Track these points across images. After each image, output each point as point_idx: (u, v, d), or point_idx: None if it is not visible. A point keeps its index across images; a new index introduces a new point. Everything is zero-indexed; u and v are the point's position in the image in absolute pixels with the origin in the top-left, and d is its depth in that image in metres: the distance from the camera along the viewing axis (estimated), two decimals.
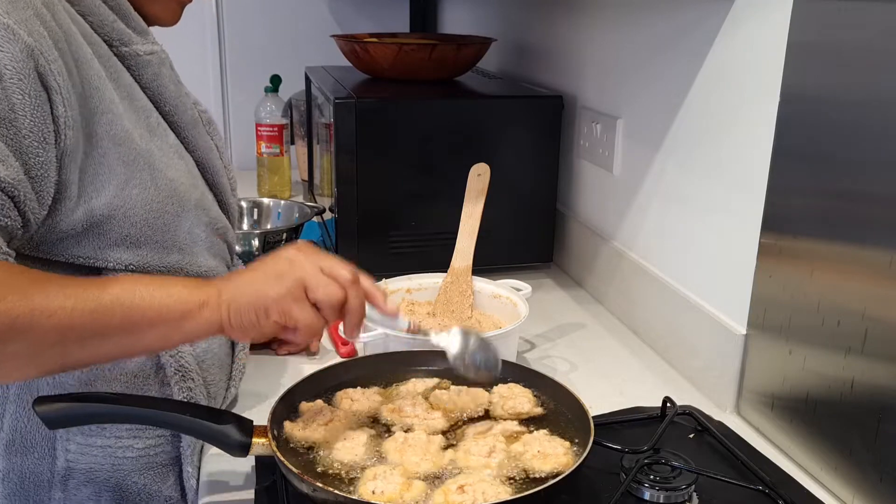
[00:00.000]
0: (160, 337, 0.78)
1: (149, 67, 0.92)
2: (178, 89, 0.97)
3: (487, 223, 1.28)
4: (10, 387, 0.89)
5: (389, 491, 0.76)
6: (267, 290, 0.78)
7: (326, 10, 2.44)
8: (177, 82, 0.97)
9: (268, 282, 0.79)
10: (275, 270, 0.79)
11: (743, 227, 1.04)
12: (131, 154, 0.85)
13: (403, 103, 1.46)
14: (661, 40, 1.24)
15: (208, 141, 1.01)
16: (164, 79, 0.94)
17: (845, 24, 0.85)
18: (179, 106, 0.96)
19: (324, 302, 0.80)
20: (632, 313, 1.35)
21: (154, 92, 0.93)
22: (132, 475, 0.94)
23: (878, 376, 0.83)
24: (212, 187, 1.01)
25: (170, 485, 0.96)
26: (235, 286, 0.79)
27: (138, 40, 0.91)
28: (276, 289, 0.78)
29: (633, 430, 0.97)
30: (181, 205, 0.91)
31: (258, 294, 0.78)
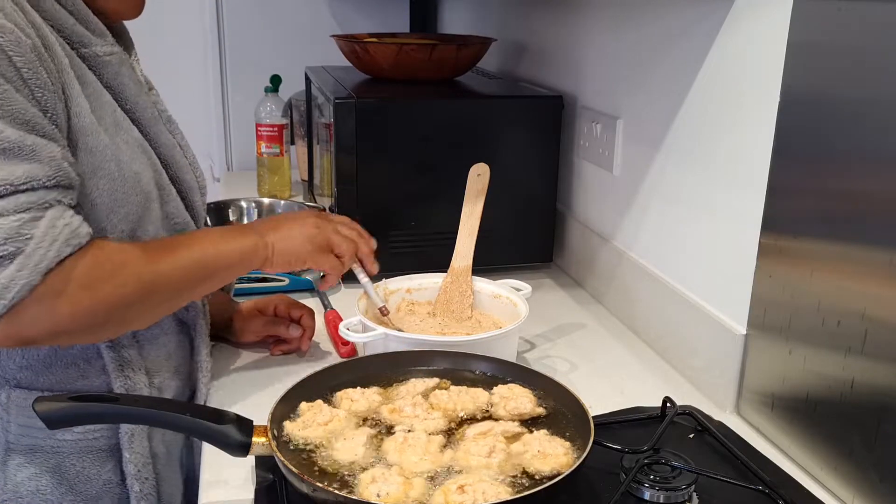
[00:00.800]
0: (230, 277, 1.04)
1: (109, 67, 0.95)
2: (138, 88, 1.00)
3: (487, 223, 1.28)
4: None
5: (394, 492, 0.76)
6: (303, 249, 1.04)
7: (326, 10, 2.44)
8: (137, 81, 1.00)
9: (304, 242, 1.04)
10: (307, 233, 1.05)
11: (743, 227, 1.04)
12: (99, 145, 0.89)
13: (403, 103, 1.46)
14: (661, 40, 1.24)
15: (170, 138, 1.04)
16: (124, 77, 0.97)
17: (845, 24, 0.85)
18: (140, 103, 0.99)
19: (345, 254, 1.09)
20: (632, 313, 1.35)
21: (115, 91, 0.96)
22: (71, 458, 0.98)
23: (878, 376, 0.83)
24: (175, 183, 1.04)
25: (109, 469, 1.00)
26: (279, 238, 1.02)
27: (97, 42, 0.94)
28: (309, 248, 1.05)
29: (633, 430, 0.97)
30: (145, 197, 0.95)
31: (297, 250, 1.04)
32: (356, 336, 1.09)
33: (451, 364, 1.02)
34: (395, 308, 1.23)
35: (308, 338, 1.23)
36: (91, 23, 0.94)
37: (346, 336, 1.10)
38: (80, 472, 0.98)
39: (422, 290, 1.27)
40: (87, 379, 0.97)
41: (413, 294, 1.27)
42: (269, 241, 1.01)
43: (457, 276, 1.25)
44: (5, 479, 0.96)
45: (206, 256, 0.96)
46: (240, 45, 2.40)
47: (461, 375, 1.01)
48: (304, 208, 1.66)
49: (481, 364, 1.02)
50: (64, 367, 0.96)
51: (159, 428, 1.00)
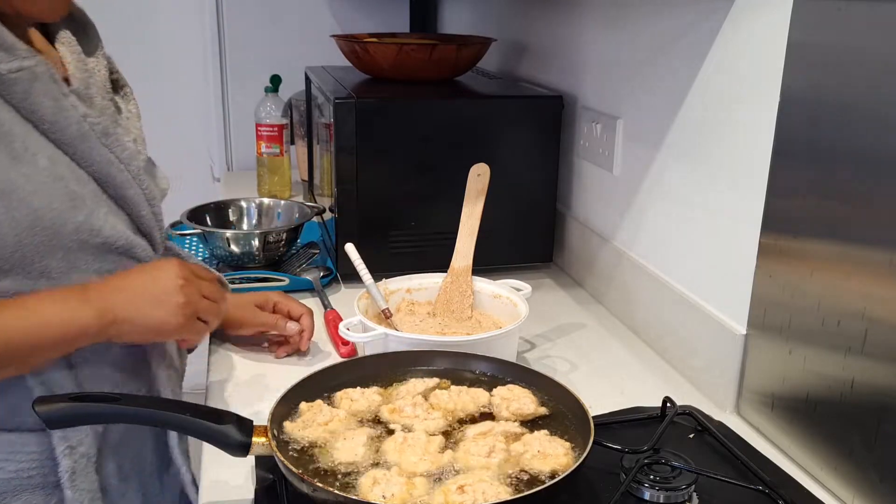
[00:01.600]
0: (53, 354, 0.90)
1: (16, 85, 0.86)
2: (57, 104, 0.90)
3: (487, 223, 1.28)
4: None
5: (399, 493, 0.76)
6: (166, 322, 0.93)
7: (326, 10, 2.44)
8: (57, 96, 0.90)
9: (161, 313, 0.92)
10: (171, 302, 0.92)
11: (743, 227, 1.04)
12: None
13: (403, 103, 1.46)
14: (661, 40, 1.24)
15: (105, 154, 0.94)
16: (38, 95, 0.88)
17: (845, 24, 0.85)
18: (60, 121, 0.90)
19: (211, 319, 0.98)
20: (632, 313, 1.35)
21: (28, 111, 0.88)
22: (6, 497, 0.93)
23: (878, 376, 0.83)
24: (117, 201, 0.97)
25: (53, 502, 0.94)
26: (130, 310, 0.91)
27: (3, 57, 0.85)
28: (175, 320, 0.93)
29: (633, 430, 0.97)
30: (52, 233, 0.87)
31: (158, 326, 0.93)
32: (356, 336, 1.09)
33: (451, 364, 1.02)
34: (395, 308, 1.23)
35: (307, 337, 1.22)
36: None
37: (346, 336, 1.10)
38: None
39: (422, 290, 1.27)
40: (20, 416, 0.91)
41: (413, 294, 1.27)
42: (118, 321, 0.89)
43: (457, 276, 1.25)
44: None
45: (16, 331, 0.85)
46: (240, 45, 2.40)
47: (461, 375, 1.01)
48: (304, 208, 1.65)
49: (481, 364, 1.02)
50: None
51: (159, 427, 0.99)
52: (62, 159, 0.91)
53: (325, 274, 1.48)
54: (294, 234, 1.56)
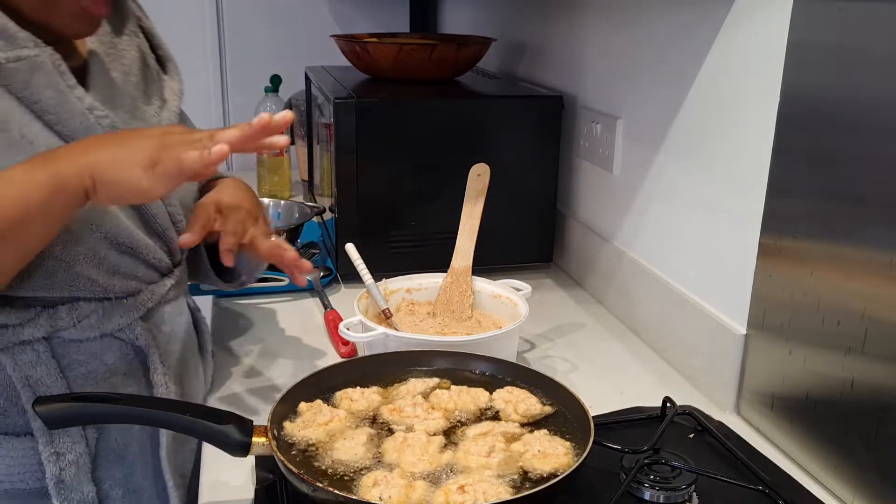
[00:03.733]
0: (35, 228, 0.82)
1: (16, 75, 0.85)
2: (60, 95, 0.88)
3: (487, 223, 1.28)
4: None
5: (396, 495, 0.76)
6: (133, 161, 0.80)
7: (326, 10, 2.44)
8: (60, 88, 0.88)
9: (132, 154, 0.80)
10: (143, 143, 0.81)
11: (743, 227, 1.04)
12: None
13: (403, 103, 1.46)
14: (661, 40, 1.24)
15: None
16: (39, 86, 0.86)
17: (845, 24, 0.85)
18: (63, 113, 0.88)
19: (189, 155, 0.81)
20: (632, 313, 1.35)
21: (29, 101, 0.86)
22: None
23: (878, 376, 0.83)
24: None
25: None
26: (100, 160, 0.80)
27: (1, 46, 0.84)
28: (140, 156, 0.80)
29: (633, 430, 0.97)
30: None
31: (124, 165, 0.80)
32: (356, 336, 1.09)
33: (451, 364, 1.02)
34: (395, 308, 1.23)
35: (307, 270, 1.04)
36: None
37: (346, 336, 1.10)
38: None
39: (422, 290, 1.27)
40: (7, 417, 0.90)
41: (413, 294, 1.27)
42: (88, 163, 0.80)
43: (457, 276, 1.25)
44: None
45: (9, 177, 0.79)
46: (240, 45, 2.40)
47: (461, 375, 1.01)
48: (304, 208, 1.65)
49: (481, 364, 1.02)
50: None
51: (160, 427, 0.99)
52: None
53: (325, 274, 1.48)
54: (294, 234, 1.56)
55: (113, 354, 0.96)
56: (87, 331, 0.92)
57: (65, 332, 0.91)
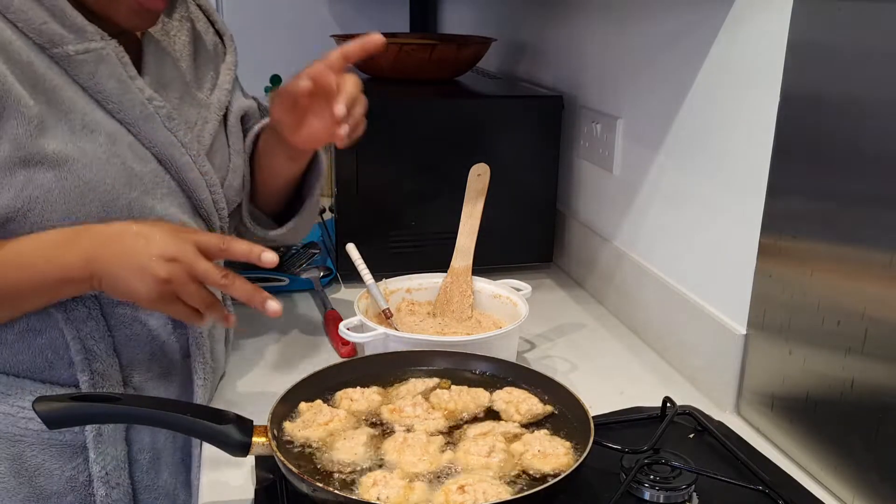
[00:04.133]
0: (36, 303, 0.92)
1: (83, 66, 0.91)
2: (122, 86, 0.93)
3: (487, 223, 1.28)
4: None
5: (394, 496, 0.76)
6: (137, 292, 0.86)
7: (326, 10, 2.44)
8: (123, 79, 0.93)
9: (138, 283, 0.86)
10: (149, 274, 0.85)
11: (743, 227, 1.04)
12: (34, 157, 0.86)
13: (403, 103, 1.46)
14: (661, 40, 1.24)
15: (168, 136, 0.97)
16: (103, 76, 0.92)
17: (845, 24, 0.85)
18: (125, 102, 0.94)
19: (200, 305, 0.89)
20: (632, 313, 1.35)
21: (94, 90, 0.92)
22: (32, 448, 0.96)
23: (878, 376, 0.83)
24: (179, 184, 0.99)
25: (74, 466, 0.98)
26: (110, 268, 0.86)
27: (71, 39, 0.89)
28: (146, 293, 0.86)
29: (633, 430, 0.97)
30: (103, 206, 0.90)
31: (129, 292, 0.87)
32: (356, 336, 1.09)
33: (451, 364, 1.02)
34: (395, 308, 1.23)
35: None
36: (67, 19, 0.89)
37: (346, 336, 1.10)
38: (40, 465, 0.97)
39: (422, 290, 1.27)
40: (53, 370, 0.96)
41: (413, 294, 1.27)
42: (100, 272, 0.87)
43: (457, 276, 1.25)
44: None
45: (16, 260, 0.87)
46: (240, 45, 2.40)
47: (461, 375, 1.01)
48: None
49: (481, 364, 1.02)
50: (31, 355, 0.95)
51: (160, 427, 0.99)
52: (125, 138, 0.94)
53: (325, 274, 1.48)
54: None
55: (156, 320, 1.00)
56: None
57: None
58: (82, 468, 0.98)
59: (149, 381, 1.02)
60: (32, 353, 0.95)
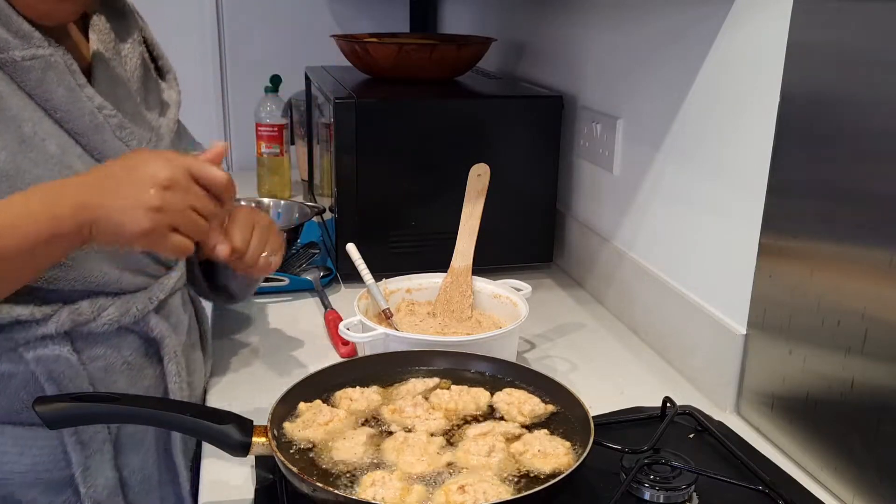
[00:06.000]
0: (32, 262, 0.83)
1: (30, 73, 0.86)
2: (71, 94, 0.89)
3: (487, 223, 1.28)
4: None
5: (390, 497, 0.76)
6: (129, 223, 0.80)
7: (326, 10, 2.44)
8: (71, 86, 0.90)
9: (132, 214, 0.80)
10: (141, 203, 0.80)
11: (743, 227, 1.04)
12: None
13: (403, 103, 1.46)
14: (661, 40, 1.24)
15: (120, 146, 0.93)
16: (51, 84, 0.88)
17: (845, 24, 0.85)
18: (73, 111, 0.89)
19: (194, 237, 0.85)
20: (632, 313, 1.35)
21: (41, 98, 0.88)
22: (21, 488, 0.93)
23: (878, 376, 0.83)
24: None
25: (64, 499, 0.95)
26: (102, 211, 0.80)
27: (17, 45, 0.85)
28: (138, 225, 0.80)
29: (633, 430, 0.97)
30: None
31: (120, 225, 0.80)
32: (356, 336, 1.09)
33: (451, 364, 1.02)
34: (395, 308, 1.23)
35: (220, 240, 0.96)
36: (13, 24, 0.85)
37: (346, 336, 1.10)
38: (31, 500, 0.94)
39: (422, 290, 1.27)
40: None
41: (413, 294, 1.27)
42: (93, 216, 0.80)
43: (457, 276, 1.25)
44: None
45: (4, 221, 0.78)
46: (240, 45, 2.40)
47: (461, 375, 1.01)
48: (304, 208, 1.65)
49: (481, 364, 1.02)
50: (7, 400, 0.91)
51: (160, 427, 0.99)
52: (73, 149, 0.90)
53: (325, 274, 1.48)
54: (294, 234, 1.56)
55: (129, 347, 0.97)
56: (108, 324, 0.93)
57: (86, 325, 0.92)
58: (73, 500, 0.95)
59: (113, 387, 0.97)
60: (8, 398, 0.91)
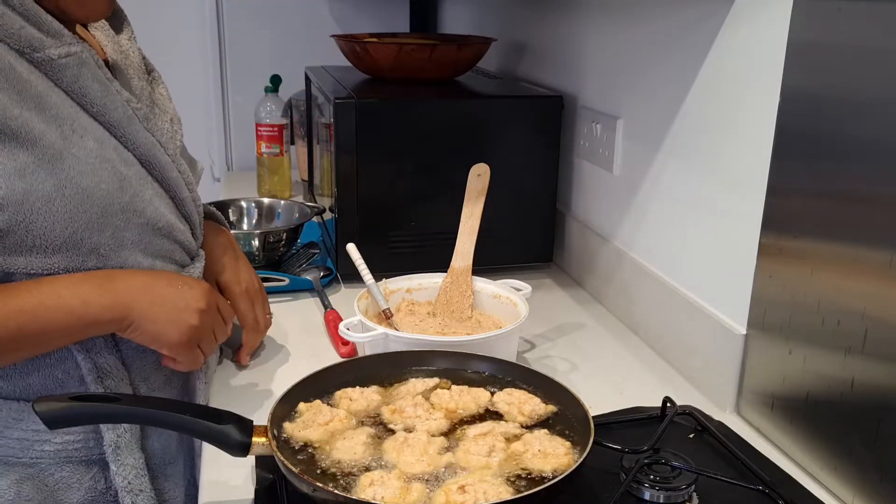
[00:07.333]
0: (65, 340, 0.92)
1: (66, 70, 0.89)
2: (104, 88, 0.93)
3: (487, 223, 1.28)
4: None
5: (390, 496, 0.76)
6: (171, 337, 0.94)
7: (326, 10, 2.44)
8: (103, 81, 0.93)
9: (172, 327, 0.94)
10: (185, 322, 0.94)
11: (743, 227, 1.04)
12: (28, 167, 0.84)
13: (403, 103, 1.46)
14: (661, 40, 1.24)
15: (148, 137, 0.98)
16: (86, 79, 0.91)
17: (845, 24, 0.85)
18: (108, 105, 0.93)
19: (209, 351, 1.00)
20: (632, 313, 1.35)
21: (77, 94, 0.91)
22: (51, 468, 0.96)
23: (878, 376, 0.83)
24: (161, 184, 0.99)
25: (91, 476, 0.98)
26: (145, 315, 0.92)
27: (51, 44, 0.88)
28: (178, 339, 0.94)
29: (633, 430, 0.97)
30: (101, 211, 0.90)
31: (162, 338, 0.94)
32: (356, 336, 1.09)
33: (451, 364, 1.02)
34: (395, 308, 1.23)
35: (244, 353, 1.18)
36: (44, 23, 0.88)
37: (346, 336, 1.10)
38: (61, 479, 0.97)
39: (422, 290, 1.27)
40: (64, 388, 0.95)
41: (413, 294, 1.27)
42: (135, 317, 0.91)
43: (457, 276, 1.25)
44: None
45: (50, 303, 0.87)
46: (240, 45, 2.40)
47: (461, 375, 1.01)
48: (304, 208, 1.65)
49: (481, 364, 1.02)
50: (41, 377, 0.94)
51: (160, 428, 0.99)
52: (109, 141, 0.93)
53: (325, 274, 1.48)
54: (294, 234, 1.56)
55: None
56: None
57: None
58: (99, 477, 0.98)
59: (154, 391, 1.02)
60: (42, 375, 0.94)
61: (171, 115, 1.09)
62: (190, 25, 2.68)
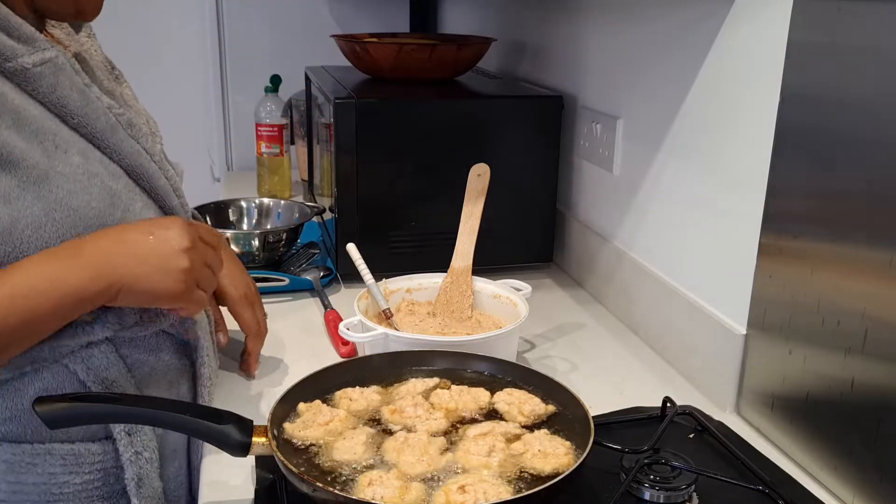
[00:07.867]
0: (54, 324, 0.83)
1: (42, 80, 0.82)
2: (83, 97, 0.86)
3: (487, 223, 1.28)
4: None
5: (389, 496, 0.76)
6: (168, 289, 0.84)
7: (326, 10, 2.44)
8: (82, 89, 0.86)
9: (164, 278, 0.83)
10: (175, 268, 0.83)
11: (743, 227, 1.04)
12: (14, 191, 0.78)
13: (403, 103, 1.46)
14: (661, 40, 1.24)
15: (133, 145, 0.91)
16: (64, 88, 0.84)
17: (845, 24, 0.85)
18: (90, 114, 0.86)
19: (210, 292, 0.90)
20: (632, 313, 1.35)
21: (55, 105, 0.83)
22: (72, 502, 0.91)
23: (878, 376, 0.83)
24: (150, 194, 0.93)
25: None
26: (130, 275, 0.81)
27: (24, 51, 0.80)
28: (176, 287, 0.84)
29: (633, 430, 0.97)
30: (94, 230, 0.83)
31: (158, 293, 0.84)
32: (356, 336, 1.09)
33: (451, 364, 1.02)
34: (395, 308, 1.23)
35: (251, 362, 1.15)
36: (14, 28, 0.79)
37: (346, 336, 1.10)
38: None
39: (422, 290, 1.27)
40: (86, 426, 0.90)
41: (413, 294, 1.27)
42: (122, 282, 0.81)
43: (457, 276, 1.25)
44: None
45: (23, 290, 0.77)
46: (240, 45, 2.40)
47: (461, 375, 1.01)
48: (304, 208, 1.65)
49: (481, 364, 1.02)
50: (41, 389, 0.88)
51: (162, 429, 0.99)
52: (94, 154, 0.86)
53: (325, 274, 1.48)
54: (294, 234, 1.56)
55: (168, 351, 0.97)
56: (150, 326, 0.92)
57: (130, 329, 0.90)
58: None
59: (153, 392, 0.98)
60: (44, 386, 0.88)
61: (145, 115, 1.02)
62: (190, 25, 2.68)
